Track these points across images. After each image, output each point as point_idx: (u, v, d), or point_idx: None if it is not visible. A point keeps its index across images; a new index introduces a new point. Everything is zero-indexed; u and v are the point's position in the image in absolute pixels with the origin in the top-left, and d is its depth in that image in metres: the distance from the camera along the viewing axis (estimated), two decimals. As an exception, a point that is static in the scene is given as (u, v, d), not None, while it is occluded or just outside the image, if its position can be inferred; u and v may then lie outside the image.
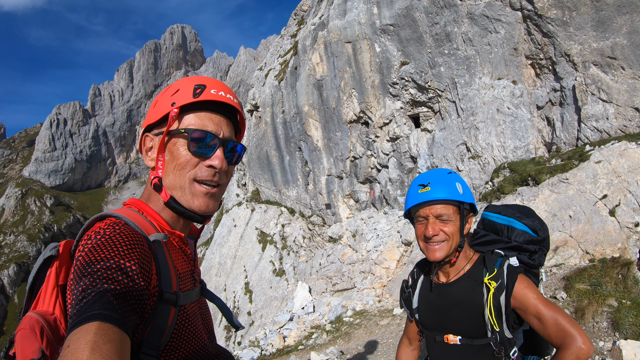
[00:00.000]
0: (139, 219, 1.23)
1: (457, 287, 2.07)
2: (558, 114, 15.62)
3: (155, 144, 1.33)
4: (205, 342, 1.33)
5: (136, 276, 1.03)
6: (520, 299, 1.89)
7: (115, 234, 1.09)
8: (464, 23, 17.98)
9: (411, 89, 20.19)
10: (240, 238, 27.49)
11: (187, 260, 1.36)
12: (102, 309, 0.90)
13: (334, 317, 12.65)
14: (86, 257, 1.03)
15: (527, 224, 2.19)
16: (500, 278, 1.94)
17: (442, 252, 1.99)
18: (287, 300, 19.27)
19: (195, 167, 1.30)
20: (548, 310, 1.83)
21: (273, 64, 31.48)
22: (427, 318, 2.18)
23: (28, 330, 1.09)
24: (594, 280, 8.30)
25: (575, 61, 15.00)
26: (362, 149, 22.86)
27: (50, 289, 1.20)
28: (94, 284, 0.96)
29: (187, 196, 1.29)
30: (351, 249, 19.38)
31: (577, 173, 12.75)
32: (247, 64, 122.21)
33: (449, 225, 1.98)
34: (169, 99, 1.31)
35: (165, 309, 1.15)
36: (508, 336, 1.95)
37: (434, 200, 1.98)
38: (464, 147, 18.05)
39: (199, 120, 1.30)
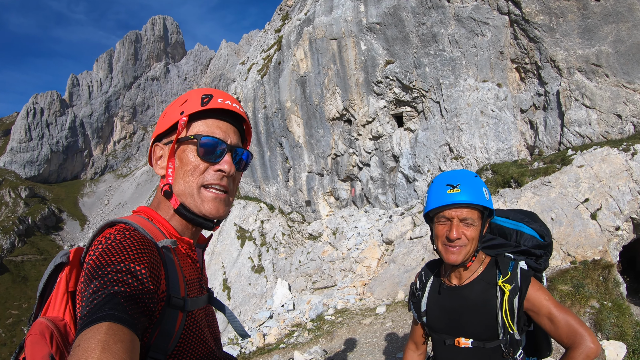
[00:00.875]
0: (148, 226, 1.24)
1: (470, 290, 2.05)
2: (541, 118, 15.63)
3: (165, 153, 1.35)
4: (213, 348, 1.31)
5: (145, 280, 1.02)
6: (534, 301, 1.92)
7: (125, 239, 1.09)
8: (451, 25, 17.84)
9: (395, 88, 20.00)
10: (219, 234, 27.06)
11: (194, 268, 1.36)
12: (112, 310, 0.90)
13: (315, 316, 12.48)
14: (97, 261, 1.03)
15: (535, 229, 2.20)
16: (515, 281, 1.95)
17: (461, 255, 1.96)
18: (266, 297, 18.97)
19: (204, 172, 1.31)
20: (559, 312, 1.87)
21: (256, 59, 31.01)
22: (436, 321, 2.15)
23: (38, 335, 1.08)
24: (576, 281, 8.40)
25: (561, 67, 15.02)
26: (344, 147, 22.59)
27: (61, 295, 1.20)
28: (105, 286, 0.96)
29: (196, 202, 1.30)
30: (331, 246, 19.12)
31: (559, 176, 12.82)
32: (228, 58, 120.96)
33: (472, 229, 1.95)
34: (177, 108, 1.33)
35: (173, 314, 1.14)
36: (517, 338, 1.96)
37: (463, 204, 1.93)
38: (446, 148, 17.94)
39: (207, 128, 1.33)
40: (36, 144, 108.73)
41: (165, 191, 1.31)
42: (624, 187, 11.68)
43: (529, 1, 15.56)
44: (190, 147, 1.30)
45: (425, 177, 18.41)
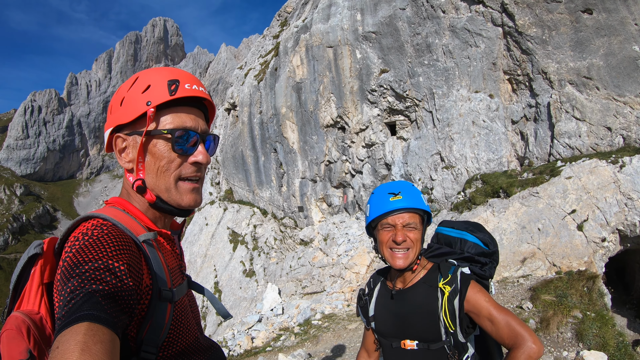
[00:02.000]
0: (125, 219, 1.21)
1: (413, 293, 2.11)
2: (532, 129, 15.70)
3: (130, 145, 1.27)
4: (197, 335, 1.32)
5: (124, 277, 1.00)
6: (473, 303, 1.95)
7: (102, 235, 1.06)
8: (445, 35, 17.95)
9: (389, 96, 20.06)
10: (212, 237, 27.01)
11: (174, 256, 1.35)
12: (91, 310, 0.87)
13: (302, 320, 12.61)
14: (74, 259, 1.00)
15: (479, 237, 2.29)
16: (454, 283, 2.01)
17: (408, 259, 2.04)
18: (256, 301, 18.93)
19: (179, 166, 1.28)
20: (499, 313, 1.90)
21: (253, 64, 31.07)
22: (383, 325, 2.20)
23: (14, 330, 1.06)
24: (560, 292, 8.55)
25: (552, 79, 15.13)
26: (337, 154, 22.62)
27: (35, 287, 1.17)
28: (82, 284, 0.93)
29: (174, 196, 1.28)
30: (322, 252, 19.11)
31: (547, 187, 12.93)
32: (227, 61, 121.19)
33: (415, 232, 2.05)
34: (140, 97, 1.24)
35: (162, 307, 1.14)
36: (461, 340, 2.00)
37: (406, 209, 2.04)
38: (438, 157, 17.98)
39: (177, 119, 1.27)
40: (33, 141, 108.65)
41: (139, 187, 1.26)
42: (611, 199, 11.73)
43: (523, 13, 15.69)
44: (161, 141, 1.25)
45: (416, 186, 18.44)
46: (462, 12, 17.53)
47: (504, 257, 11.67)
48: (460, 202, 15.97)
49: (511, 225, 12.45)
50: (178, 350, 1.20)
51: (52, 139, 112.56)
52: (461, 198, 16.25)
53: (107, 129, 1.30)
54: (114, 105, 1.29)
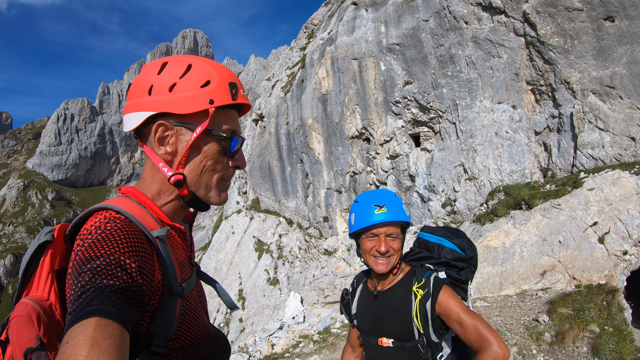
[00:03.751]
0: (139, 212, 1.20)
1: (390, 295, 2.28)
2: (555, 140, 15.86)
3: (172, 135, 1.24)
4: (207, 326, 1.36)
5: (134, 273, 1.02)
6: (444, 306, 2.08)
7: (115, 230, 1.07)
8: (468, 46, 18.34)
9: (413, 108, 20.48)
10: (238, 245, 27.63)
11: (185, 247, 1.36)
12: (101, 305, 0.89)
13: (322, 328, 12.76)
14: (85, 253, 1.01)
15: (455, 243, 2.42)
16: (427, 287, 2.15)
17: (389, 265, 2.22)
18: (279, 309, 19.40)
19: (224, 167, 1.32)
20: (468, 317, 2.02)
21: (281, 75, 31.88)
22: (364, 323, 2.38)
23: (24, 317, 1.08)
24: (578, 305, 8.45)
25: (575, 89, 15.30)
26: (362, 165, 23.11)
27: (45, 274, 1.20)
28: (93, 279, 0.94)
29: (212, 194, 1.31)
30: (345, 262, 19.56)
31: (569, 199, 12.94)
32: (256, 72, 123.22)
33: (397, 241, 2.23)
34: (200, 91, 1.23)
35: (173, 301, 1.16)
36: (434, 340, 2.15)
37: (389, 222, 2.21)
38: (461, 169, 18.26)
39: (232, 123, 1.31)
40: (65, 148, 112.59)
41: (178, 181, 1.25)
42: (634, 211, 11.65)
43: (545, 23, 15.96)
44: (212, 139, 1.27)
45: (439, 197, 18.73)
46: (485, 22, 17.91)
47: (523, 269, 11.71)
48: (483, 214, 16.16)
49: (532, 238, 12.50)
50: (188, 342, 1.23)
51: (84, 146, 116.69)
52: (483, 210, 16.46)
53: (142, 111, 1.23)
54: (157, 87, 1.23)
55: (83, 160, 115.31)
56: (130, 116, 1.25)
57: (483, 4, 17.87)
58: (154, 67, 1.27)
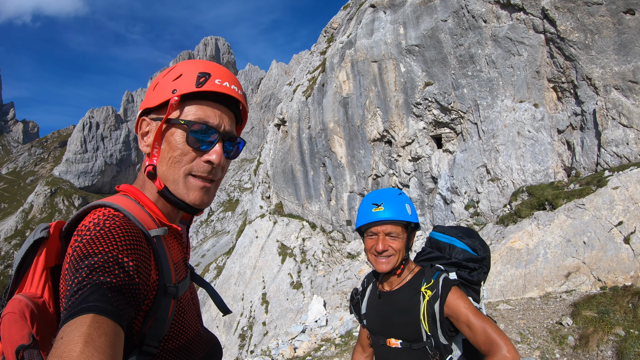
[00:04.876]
0: (137, 211, 1.23)
1: (398, 295, 2.30)
2: (578, 138, 15.81)
3: (152, 130, 1.31)
4: (199, 328, 1.38)
5: (132, 272, 1.03)
6: (453, 308, 2.07)
7: (114, 227, 1.09)
8: (488, 45, 18.42)
9: (434, 109, 20.64)
10: (261, 249, 28.04)
11: (180, 249, 1.38)
12: (97, 302, 0.90)
13: (344, 331, 12.84)
14: (83, 249, 1.03)
15: (467, 243, 2.42)
16: (436, 288, 2.15)
17: (390, 265, 2.23)
18: (301, 312, 19.68)
19: (192, 161, 1.28)
20: (477, 319, 2.00)
21: (302, 80, 32.33)
22: (373, 323, 2.40)
23: (17, 314, 1.08)
24: (602, 308, 8.31)
25: (597, 85, 15.25)
26: (384, 168, 23.33)
27: (39, 271, 1.20)
28: (90, 276, 0.96)
29: (180, 189, 1.29)
30: (368, 266, 19.73)
31: (593, 199, 12.81)
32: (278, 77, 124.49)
33: (397, 241, 2.22)
34: (170, 84, 1.27)
35: (166, 302, 1.17)
36: (443, 342, 2.14)
37: (386, 220, 2.22)
38: (484, 170, 18.32)
39: (200, 112, 1.28)
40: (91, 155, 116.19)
41: (149, 172, 1.30)
42: None
43: (564, 18, 15.96)
44: (179, 131, 1.27)
45: (462, 199, 18.79)
46: (503, 20, 17.97)
47: (547, 271, 11.62)
48: (506, 215, 16.17)
49: (556, 239, 12.40)
50: (179, 343, 1.25)
51: (109, 153, 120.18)
52: (507, 211, 16.48)
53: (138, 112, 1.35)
54: (148, 90, 1.34)
55: (109, 167, 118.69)
56: None
57: (501, 2, 17.95)
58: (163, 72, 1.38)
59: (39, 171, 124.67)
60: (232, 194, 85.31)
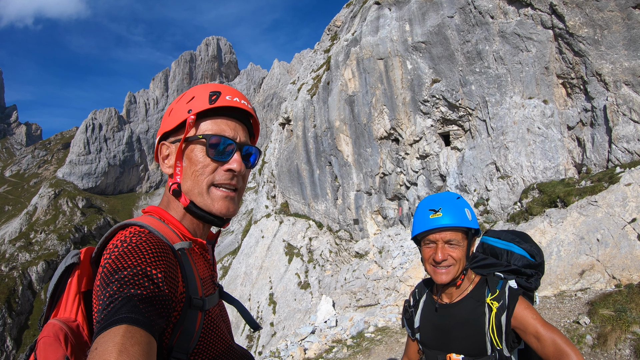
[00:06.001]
0: (162, 228, 1.29)
1: (460, 308, 2.19)
2: (589, 134, 15.82)
3: (172, 151, 1.38)
4: (230, 343, 1.40)
5: (161, 283, 1.07)
6: (521, 319, 2.01)
7: (141, 242, 1.14)
8: (496, 41, 18.43)
9: (442, 106, 20.68)
10: (268, 249, 28.19)
11: (207, 266, 1.42)
12: (129, 313, 0.94)
13: (355, 332, 12.88)
14: (113, 265, 1.07)
15: (525, 249, 2.34)
16: (502, 299, 2.08)
17: (450, 275, 2.12)
18: (310, 313, 19.76)
19: (213, 172, 1.35)
20: (546, 330, 1.95)
21: (306, 79, 32.44)
22: (429, 338, 2.29)
23: (52, 337, 1.12)
24: (619, 306, 8.24)
25: (607, 80, 15.26)
26: (391, 166, 23.38)
27: (72, 295, 1.25)
28: (121, 289, 0.99)
29: (206, 201, 1.35)
30: (377, 265, 19.81)
31: (606, 195, 12.79)
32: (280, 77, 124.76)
33: (457, 250, 2.11)
34: (184, 106, 1.36)
35: (193, 314, 1.20)
36: (506, 355, 2.07)
37: (445, 227, 2.11)
38: (493, 167, 18.36)
39: (215, 126, 1.36)
40: (94, 157, 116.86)
41: (174, 190, 1.35)
42: None
43: (573, 14, 15.99)
44: (198, 147, 1.34)
45: (471, 197, 18.80)
46: (511, 16, 18.00)
47: (561, 269, 11.63)
48: (517, 212, 16.19)
49: (569, 237, 12.38)
50: (210, 357, 1.27)
51: (112, 154, 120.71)
52: (517, 209, 16.50)
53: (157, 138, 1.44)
54: (164, 117, 1.43)
55: (112, 169, 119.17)
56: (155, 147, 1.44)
57: (509, -2, 17.96)
58: None
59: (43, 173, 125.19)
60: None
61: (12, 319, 71.66)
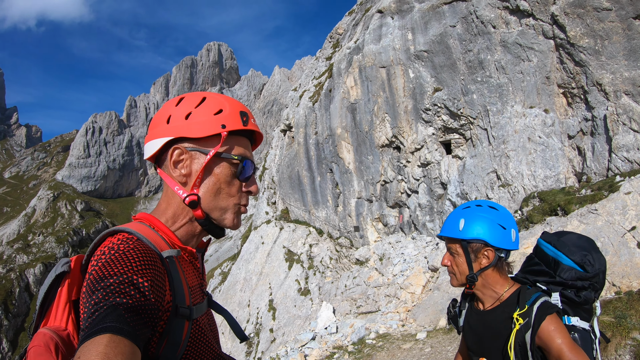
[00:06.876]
0: (151, 235, 1.27)
1: (491, 317, 2.19)
2: (589, 143, 16.06)
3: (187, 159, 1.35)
4: (219, 352, 1.39)
5: (147, 292, 1.05)
6: (545, 339, 1.93)
7: (128, 250, 1.12)
8: (497, 51, 18.73)
9: (443, 115, 20.94)
10: (267, 255, 28.31)
11: (196, 274, 1.41)
12: (113, 322, 0.93)
13: (356, 339, 13.01)
14: (99, 272, 1.06)
15: (575, 260, 2.16)
16: (529, 316, 1.99)
17: (453, 281, 2.26)
18: (310, 319, 19.86)
19: (238, 192, 1.39)
20: (571, 354, 1.85)
21: (308, 86, 32.71)
22: (469, 339, 2.35)
23: (42, 347, 1.11)
24: (619, 312, 8.26)
25: (607, 90, 15.53)
26: (392, 174, 23.60)
27: (63, 304, 1.25)
28: (106, 297, 0.99)
29: (228, 217, 1.39)
30: (377, 272, 19.97)
31: (606, 204, 12.95)
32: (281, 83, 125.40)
33: (457, 259, 2.20)
34: (213, 118, 1.34)
35: (179, 323, 1.19)
36: None
37: (440, 236, 2.28)
38: (494, 175, 18.58)
39: (241, 148, 1.39)
40: (94, 160, 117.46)
41: (193, 201, 1.33)
42: None
43: (574, 24, 16.29)
44: (226, 165, 1.36)
45: (472, 204, 18.91)
46: (513, 26, 18.32)
47: None
48: (518, 221, 16.27)
49: None
50: None
51: (112, 158, 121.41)
52: (518, 217, 16.66)
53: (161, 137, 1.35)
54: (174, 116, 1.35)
55: (111, 172, 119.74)
56: (150, 144, 1.36)
57: (510, 8, 18.30)
58: (172, 101, 1.40)
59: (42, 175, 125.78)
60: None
61: (9, 321, 72.23)
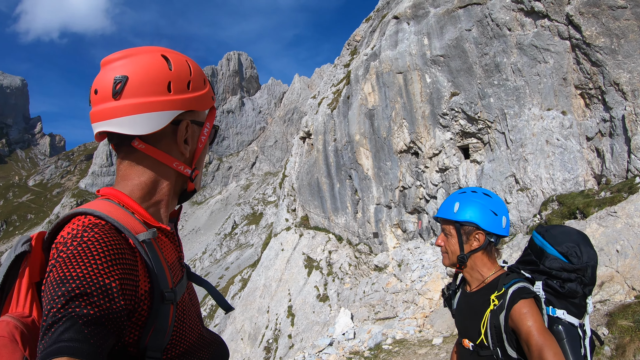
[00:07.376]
0: (121, 215, 1.16)
1: (473, 298, 2.28)
2: (608, 145, 15.92)
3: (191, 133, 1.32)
4: (201, 331, 1.37)
5: (115, 295, 0.99)
6: (516, 321, 1.96)
7: (92, 242, 1.02)
8: (513, 53, 18.73)
9: (461, 119, 20.98)
10: (287, 262, 28.58)
11: (173, 248, 1.35)
12: (71, 341, 0.87)
13: (373, 344, 13.06)
14: (60, 272, 0.97)
15: (559, 250, 2.21)
16: (503, 298, 2.04)
17: (445, 261, 2.37)
18: (328, 325, 19.98)
19: None
20: (539, 337, 1.87)
21: (326, 93, 33.02)
22: (457, 320, 2.44)
23: (7, 337, 1.03)
24: (638, 317, 8.24)
25: (625, 90, 15.40)
26: (411, 179, 23.68)
27: (25, 288, 1.15)
28: (67, 306, 0.91)
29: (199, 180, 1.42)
30: (396, 278, 20.03)
31: (625, 206, 12.85)
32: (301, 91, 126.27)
33: (449, 239, 2.31)
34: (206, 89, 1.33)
35: (165, 309, 1.14)
36: (512, 355, 2.04)
37: (436, 217, 2.43)
38: (512, 179, 18.52)
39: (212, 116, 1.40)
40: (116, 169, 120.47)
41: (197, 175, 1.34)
42: None
43: (589, 24, 16.21)
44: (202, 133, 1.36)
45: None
46: (528, 28, 18.30)
47: None
48: (536, 225, 16.22)
49: None
50: (182, 349, 1.23)
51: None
52: (537, 221, 16.60)
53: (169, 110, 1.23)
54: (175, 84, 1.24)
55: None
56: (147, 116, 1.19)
57: (525, 10, 18.31)
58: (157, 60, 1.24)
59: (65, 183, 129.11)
60: (256, 207, 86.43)
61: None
